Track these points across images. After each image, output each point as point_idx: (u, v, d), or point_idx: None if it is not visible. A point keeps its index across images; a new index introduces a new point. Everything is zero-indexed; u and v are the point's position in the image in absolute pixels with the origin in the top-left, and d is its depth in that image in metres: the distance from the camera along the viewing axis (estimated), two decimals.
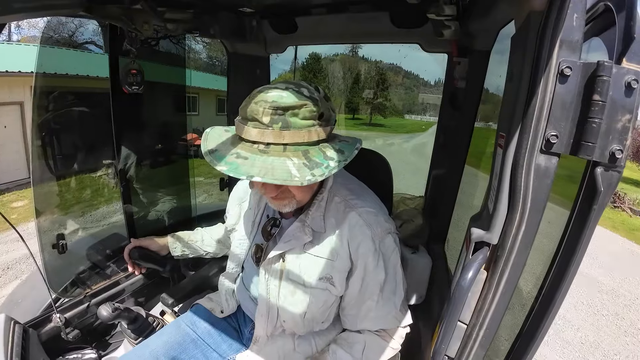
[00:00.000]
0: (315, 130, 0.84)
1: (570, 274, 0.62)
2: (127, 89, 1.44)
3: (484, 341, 0.72)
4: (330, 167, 0.82)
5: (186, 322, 1.25)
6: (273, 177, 0.77)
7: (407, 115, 34.83)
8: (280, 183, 0.78)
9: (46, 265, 1.43)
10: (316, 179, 0.78)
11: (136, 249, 1.45)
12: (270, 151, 0.81)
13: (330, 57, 29.15)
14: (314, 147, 0.85)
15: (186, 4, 1.40)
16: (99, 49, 1.75)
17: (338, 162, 0.83)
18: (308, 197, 1.01)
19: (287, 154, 0.81)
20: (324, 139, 0.87)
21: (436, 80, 30.12)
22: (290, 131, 0.80)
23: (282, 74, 5.11)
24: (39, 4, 0.78)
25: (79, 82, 2.07)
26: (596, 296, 4.82)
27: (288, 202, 0.97)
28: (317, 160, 0.82)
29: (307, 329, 1.09)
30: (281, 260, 1.04)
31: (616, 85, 0.52)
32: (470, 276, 0.69)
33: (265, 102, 0.80)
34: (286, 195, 0.95)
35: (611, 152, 0.54)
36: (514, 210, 0.63)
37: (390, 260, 1.03)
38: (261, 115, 0.80)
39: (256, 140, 0.81)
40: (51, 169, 1.60)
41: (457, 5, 1.14)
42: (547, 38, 0.55)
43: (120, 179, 1.72)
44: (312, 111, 0.82)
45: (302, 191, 0.96)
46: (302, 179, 0.77)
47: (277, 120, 0.80)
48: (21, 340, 1.15)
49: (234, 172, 0.78)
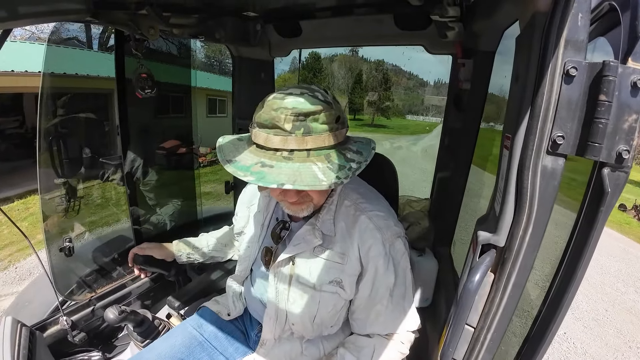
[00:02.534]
0: (335, 134, 0.85)
1: (578, 276, 0.61)
2: (140, 93, 1.44)
3: (491, 345, 0.72)
4: (353, 168, 0.83)
5: (193, 325, 1.25)
6: (302, 183, 0.77)
7: (409, 115, 34.59)
8: (309, 189, 0.79)
9: (53, 268, 1.44)
10: (342, 181, 0.79)
11: (140, 255, 1.45)
12: (294, 158, 0.81)
13: (330, 56, 29.05)
14: (335, 150, 0.86)
15: (191, 9, 1.42)
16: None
17: (359, 163, 0.85)
18: (323, 201, 1.02)
19: (312, 159, 0.82)
20: (342, 141, 0.89)
21: (438, 80, 29.89)
22: (313, 136, 0.81)
23: (282, 74, 5.14)
24: (46, 9, 0.79)
25: (86, 83, 2.09)
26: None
27: (306, 207, 0.98)
28: (340, 162, 0.83)
29: (316, 332, 1.08)
30: (291, 263, 1.04)
31: (622, 85, 0.52)
32: (477, 279, 0.68)
33: (286, 109, 0.80)
34: (305, 199, 0.96)
35: (618, 153, 0.53)
36: (521, 212, 0.62)
37: (400, 265, 1.02)
38: (283, 122, 0.80)
39: (279, 148, 0.82)
40: (58, 172, 1.61)
41: (461, 7, 1.14)
42: (552, 38, 0.55)
43: (127, 182, 1.73)
44: (330, 115, 0.84)
45: (320, 195, 0.97)
46: (329, 182, 0.78)
47: (299, 127, 0.80)
48: (28, 343, 1.15)
49: (262, 181, 0.78)
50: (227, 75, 15.91)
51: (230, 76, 2.09)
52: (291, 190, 0.91)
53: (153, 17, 1.20)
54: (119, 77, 1.59)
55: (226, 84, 12.69)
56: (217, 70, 18.62)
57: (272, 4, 1.57)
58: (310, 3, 1.52)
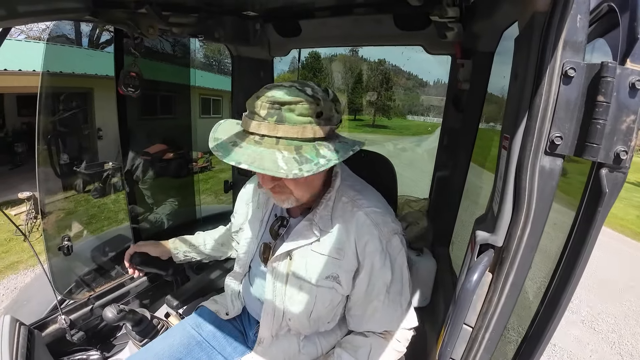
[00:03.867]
0: (312, 128, 0.85)
1: (576, 276, 0.62)
2: (122, 89, 1.45)
3: (489, 344, 0.72)
4: (320, 164, 0.82)
5: (191, 324, 1.25)
6: (260, 166, 0.79)
7: (410, 116, 34.43)
8: (265, 173, 0.80)
9: (52, 267, 1.44)
10: (302, 174, 0.79)
11: (137, 254, 1.43)
12: (263, 143, 0.83)
13: (330, 56, 28.94)
14: (308, 144, 0.85)
15: (191, 8, 1.42)
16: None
17: (329, 161, 0.84)
18: (307, 196, 1.01)
19: (279, 147, 0.83)
20: (321, 137, 0.87)
21: (437, 80, 29.72)
22: (285, 125, 0.82)
23: (281, 74, 5.12)
24: (46, 8, 0.79)
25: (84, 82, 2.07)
26: None
27: (286, 198, 0.98)
28: (308, 156, 0.83)
29: (313, 328, 1.08)
30: (288, 258, 1.05)
31: (620, 86, 0.52)
32: (475, 279, 0.68)
33: (265, 97, 0.83)
34: (284, 190, 0.97)
35: (616, 153, 0.54)
36: (519, 212, 0.62)
37: (396, 261, 1.03)
38: (259, 109, 0.83)
39: (252, 132, 0.85)
40: (57, 171, 1.61)
41: (460, 7, 1.14)
42: (551, 39, 0.55)
43: (126, 181, 1.73)
44: (309, 109, 0.84)
45: (298, 188, 0.96)
46: (289, 172, 0.79)
47: (273, 114, 0.82)
48: (26, 342, 1.15)
49: (225, 157, 0.83)
50: (222, 73, 15.54)
51: (225, 74, 2.08)
52: (267, 177, 0.92)
53: (152, 16, 1.20)
54: (118, 78, 1.58)
55: (221, 82, 12.26)
56: (212, 68, 18.10)
57: (271, 4, 1.57)
58: (310, 3, 1.52)
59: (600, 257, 5.83)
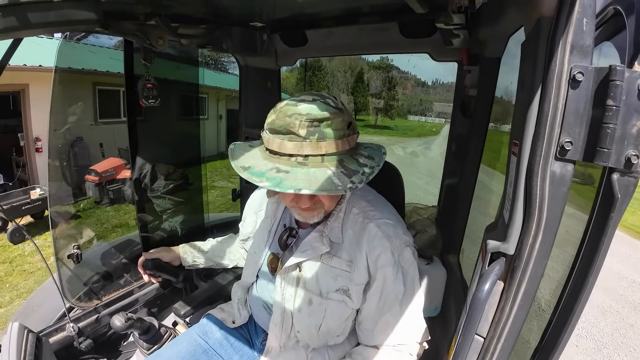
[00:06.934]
0: (347, 140, 0.86)
1: (589, 284, 0.60)
2: (144, 102, 1.47)
3: (501, 355, 0.70)
4: (367, 173, 0.84)
5: (198, 332, 1.25)
6: (319, 188, 0.78)
7: (410, 116, 33.98)
8: (327, 193, 0.80)
9: (61, 274, 1.45)
10: (356, 185, 0.80)
11: (150, 260, 1.46)
12: (309, 163, 0.82)
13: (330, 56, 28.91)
14: (348, 156, 0.87)
15: (199, 19, 1.44)
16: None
17: (372, 168, 0.86)
18: (333, 207, 1.01)
19: (326, 164, 0.83)
20: (353, 147, 0.90)
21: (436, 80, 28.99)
22: (327, 142, 0.82)
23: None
24: (57, 20, 0.80)
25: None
26: None
27: (317, 213, 0.98)
28: (352, 168, 0.84)
29: (322, 341, 1.07)
30: (297, 270, 1.04)
31: (629, 89, 0.51)
32: (486, 288, 0.67)
33: (300, 115, 0.81)
34: (317, 205, 0.96)
35: (627, 158, 0.52)
36: (530, 220, 0.61)
37: (409, 274, 1.01)
38: (297, 128, 0.81)
39: (293, 153, 0.83)
40: (67, 179, 1.64)
41: (466, 14, 1.14)
42: (558, 44, 0.55)
43: (135, 189, 1.75)
44: (342, 121, 0.85)
45: (331, 201, 0.97)
46: (344, 186, 0.79)
47: (314, 132, 0.81)
48: (34, 349, 1.16)
49: (278, 187, 0.79)
50: (208, 67, 14.41)
51: (214, 69, 2.08)
52: (304, 196, 0.90)
53: (162, 27, 1.23)
54: (128, 86, 1.61)
55: (209, 77, 11.55)
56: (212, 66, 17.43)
57: (278, 14, 1.59)
58: (316, 13, 1.54)
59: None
